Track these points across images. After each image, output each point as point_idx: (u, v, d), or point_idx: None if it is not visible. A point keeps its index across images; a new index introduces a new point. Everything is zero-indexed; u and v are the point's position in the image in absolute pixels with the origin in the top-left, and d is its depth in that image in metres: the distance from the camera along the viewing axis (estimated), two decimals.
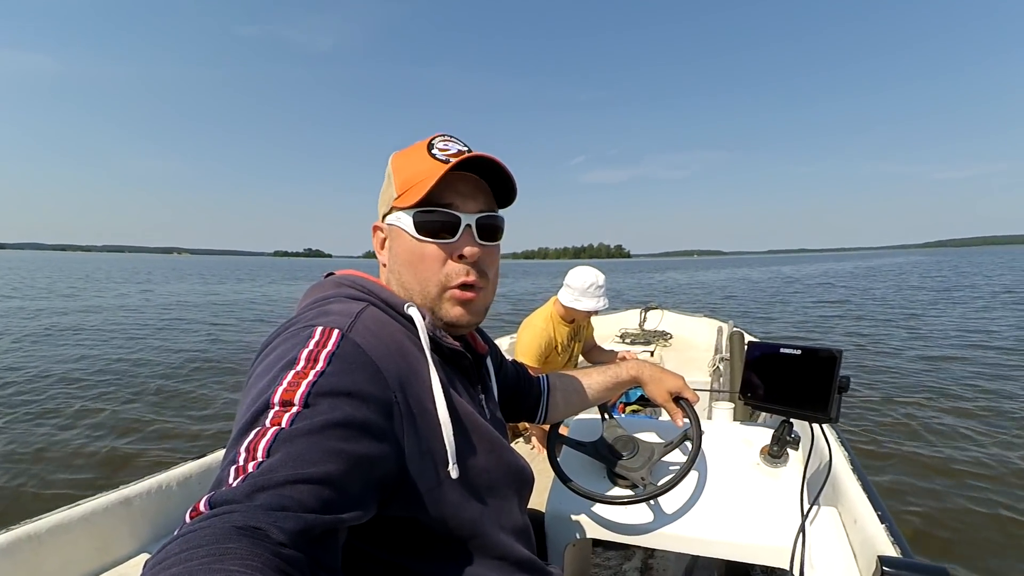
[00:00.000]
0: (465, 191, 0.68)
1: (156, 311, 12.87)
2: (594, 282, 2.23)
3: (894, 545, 0.87)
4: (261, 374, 0.53)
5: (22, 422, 4.25)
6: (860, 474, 1.13)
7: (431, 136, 0.71)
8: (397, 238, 0.69)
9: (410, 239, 0.67)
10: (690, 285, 25.38)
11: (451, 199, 0.66)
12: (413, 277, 0.68)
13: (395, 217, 0.69)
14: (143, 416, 4.44)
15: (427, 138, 0.71)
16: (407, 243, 0.68)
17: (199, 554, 0.34)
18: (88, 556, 1.12)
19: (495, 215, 0.71)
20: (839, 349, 0.92)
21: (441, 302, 0.68)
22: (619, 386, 1.09)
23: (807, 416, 0.97)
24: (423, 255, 0.67)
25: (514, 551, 0.72)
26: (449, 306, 0.69)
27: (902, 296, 14.49)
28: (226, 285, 25.60)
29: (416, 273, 0.68)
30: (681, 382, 1.06)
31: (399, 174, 0.69)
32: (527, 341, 2.25)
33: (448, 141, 0.70)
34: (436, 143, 0.69)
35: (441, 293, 0.68)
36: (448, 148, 0.68)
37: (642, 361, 1.11)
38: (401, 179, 0.69)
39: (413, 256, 0.67)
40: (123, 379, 5.70)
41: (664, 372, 1.08)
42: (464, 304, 0.69)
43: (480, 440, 0.69)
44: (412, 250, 0.67)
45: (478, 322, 0.73)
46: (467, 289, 0.68)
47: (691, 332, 4.23)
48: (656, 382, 1.06)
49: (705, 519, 1.00)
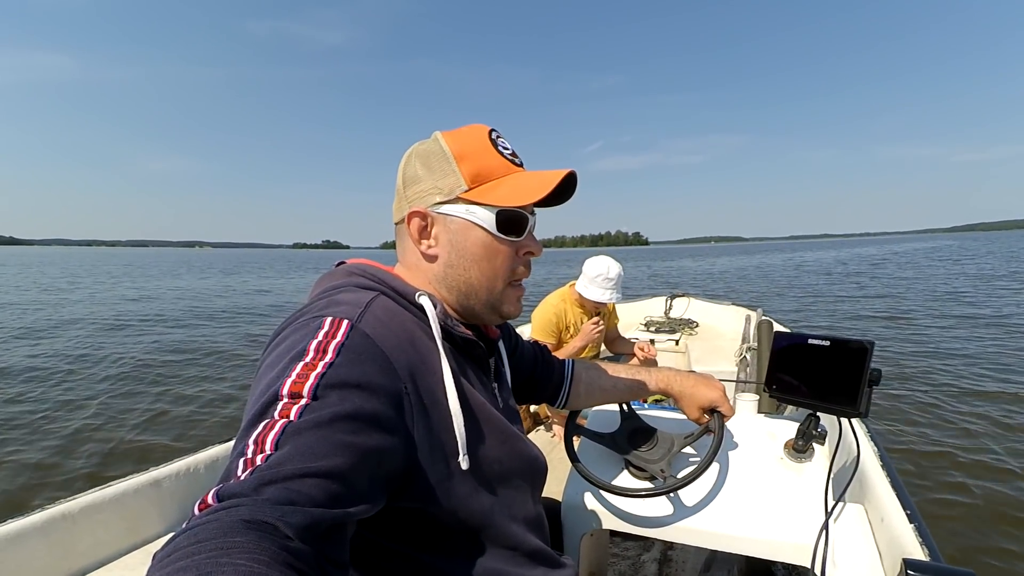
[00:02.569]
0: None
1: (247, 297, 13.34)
2: (602, 274, 2.22)
3: (922, 547, 0.84)
4: (271, 365, 0.53)
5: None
6: (889, 471, 1.09)
7: (481, 127, 0.70)
8: (462, 231, 0.67)
9: (484, 234, 0.67)
10: (710, 273, 24.88)
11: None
12: (483, 272, 0.68)
13: (463, 209, 0.66)
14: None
15: (476, 126, 0.70)
16: (479, 238, 0.67)
17: (206, 547, 0.34)
18: (119, 535, 1.17)
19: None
20: (870, 340, 0.88)
21: (503, 298, 0.71)
22: (647, 393, 1.05)
23: (835, 410, 0.94)
24: (499, 251, 0.68)
25: (526, 541, 0.72)
26: (511, 303, 0.72)
27: (950, 284, 13.84)
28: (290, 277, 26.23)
29: (488, 269, 0.68)
30: (717, 395, 0.99)
31: (466, 163, 0.66)
32: (538, 316, 2.34)
33: (499, 137, 0.71)
34: (498, 140, 0.70)
35: (506, 288, 0.71)
36: (507, 146, 0.70)
37: (674, 372, 1.05)
38: (472, 170, 0.66)
39: (489, 251, 0.67)
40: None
41: (698, 383, 1.01)
42: (519, 300, 0.74)
43: (492, 430, 0.68)
44: (488, 245, 0.67)
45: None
46: (520, 286, 0.73)
47: (718, 320, 4.14)
48: (688, 398, 1.01)
49: (726, 513, 0.98)
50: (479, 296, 0.69)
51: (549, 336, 2.27)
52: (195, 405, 4.58)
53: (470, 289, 0.69)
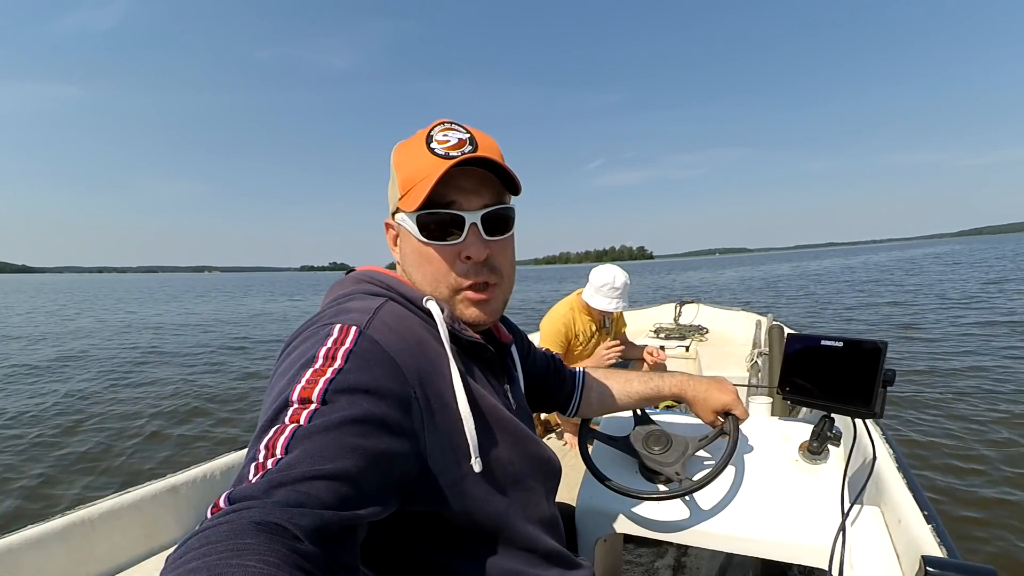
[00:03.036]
0: (468, 186, 0.64)
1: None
2: (608, 283, 2.22)
3: (941, 547, 0.82)
4: (282, 373, 0.54)
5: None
6: (905, 472, 1.07)
7: (432, 124, 0.67)
8: (405, 240, 0.69)
9: (416, 242, 0.66)
10: (714, 284, 24.54)
11: (454, 196, 0.64)
12: (423, 279, 0.68)
13: (400, 218, 0.67)
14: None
15: (428, 127, 0.67)
16: (414, 246, 0.67)
17: (217, 549, 0.34)
18: (136, 541, 1.18)
19: (502, 207, 0.67)
20: (884, 341, 0.87)
21: (455, 304, 0.68)
22: (659, 399, 1.05)
23: (849, 411, 0.92)
24: (430, 258, 0.66)
25: (542, 543, 0.71)
26: (464, 307, 0.68)
27: (962, 287, 13.59)
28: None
29: (425, 275, 0.67)
30: (730, 398, 0.98)
31: (401, 171, 0.67)
32: (547, 325, 2.33)
33: (448, 130, 0.65)
34: (435, 135, 0.65)
35: (453, 295, 0.67)
36: (448, 139, 0.64)
37: (687, 376, 1.04)
38: (403, 177, 0.66)
39: (421, 258, 0.67)
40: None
41: (711, 387, 1.00)
42: (479, 304, 0.68)
43: (504, 432, 0.68)
44: (419, 252, 0.67)
45: (495, 319, 0.72)
46: (480, 290, 0.67)
47: (728, 326, 4.11)
48: (701, 402, 1.00)
49: (741, 516, 0.97)
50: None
51: (557, 346, 2.26)
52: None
53: (423, 293, 0.68)
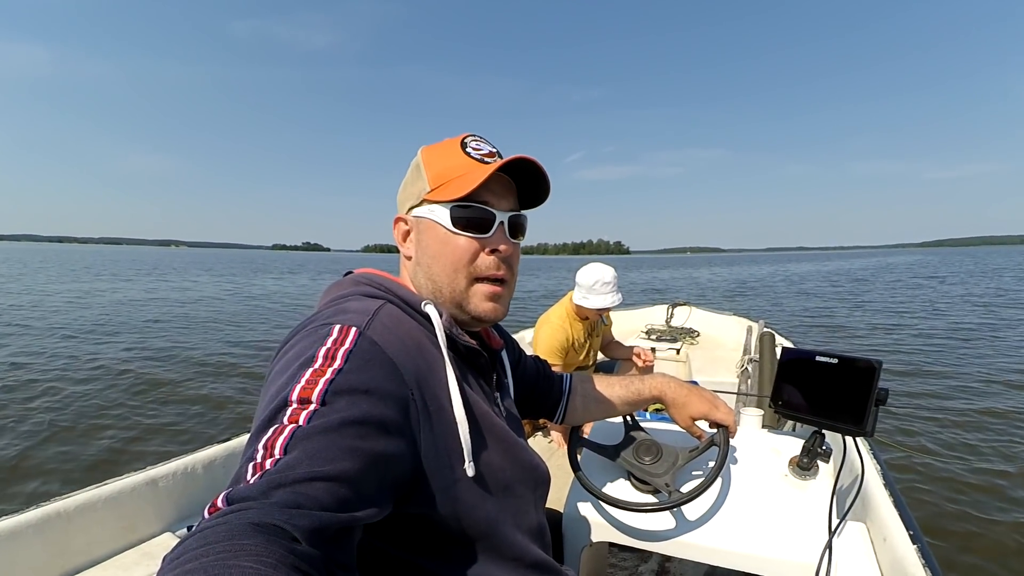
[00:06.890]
0: (499, 191, 0.69)
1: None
2: (599, 279, 2.20)
3: (925, 568, 0.83)
4: (280, 372, 0.53)
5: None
6: (893, 491, 1.08)
7: (461, 135, 0.72)
8: (427, 230, 0.69)
9: (443, 231, 0.68)
10: (697, 282, 24.43)
11: (486, 197, 0.68)
12: (443, 268, 0.68)
13: (427, 209, 0.69)
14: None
15: (457, 136, 0.72)
16: (439, 235, 0.68)
17: (215, 550, 0.34)
18: (114, 534, 1.16)
19: (524, 214, 0.74)
20: (878, 360, 0.88)
21: (470, 295, 0.69)
22: (641, 402, 1.05)
23: (841, 428, 0.93)
24: (456, 246, 0.67)
25: (529, 552, 0.71)
26: (478, 300, 0.69)
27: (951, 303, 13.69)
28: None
29: (447, 264, 0.68)
30: (708, 407, 0.99)
31: (431, 168, 0.70)
32: (545, 339, 2.26)
33: (479, 141, 0.72)
34: (469, 142, 0.71)
35: (470, 285, 0.69)
36: (481, 148, 0.71)
37: (668, 378, 1.04)
38: (434, 173, 0.69)
39: (446, 247, 0.68)
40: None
41: (691, 394, 1.00)
42: (494, 298, 0.70)
43: (495, 439, 0.69)
44: (445, 241, 0.68)
45: (503, 317, 0.74)
46: (497, 283, 0.70)
47: (719, 331, 4.12)
48: (679, 406, 1.00)
49: (727, 529, 0.97)
50: (444, 293, 0.69)
51: (555, 358, 2.24)
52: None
53: (435, 286, 0.69)
